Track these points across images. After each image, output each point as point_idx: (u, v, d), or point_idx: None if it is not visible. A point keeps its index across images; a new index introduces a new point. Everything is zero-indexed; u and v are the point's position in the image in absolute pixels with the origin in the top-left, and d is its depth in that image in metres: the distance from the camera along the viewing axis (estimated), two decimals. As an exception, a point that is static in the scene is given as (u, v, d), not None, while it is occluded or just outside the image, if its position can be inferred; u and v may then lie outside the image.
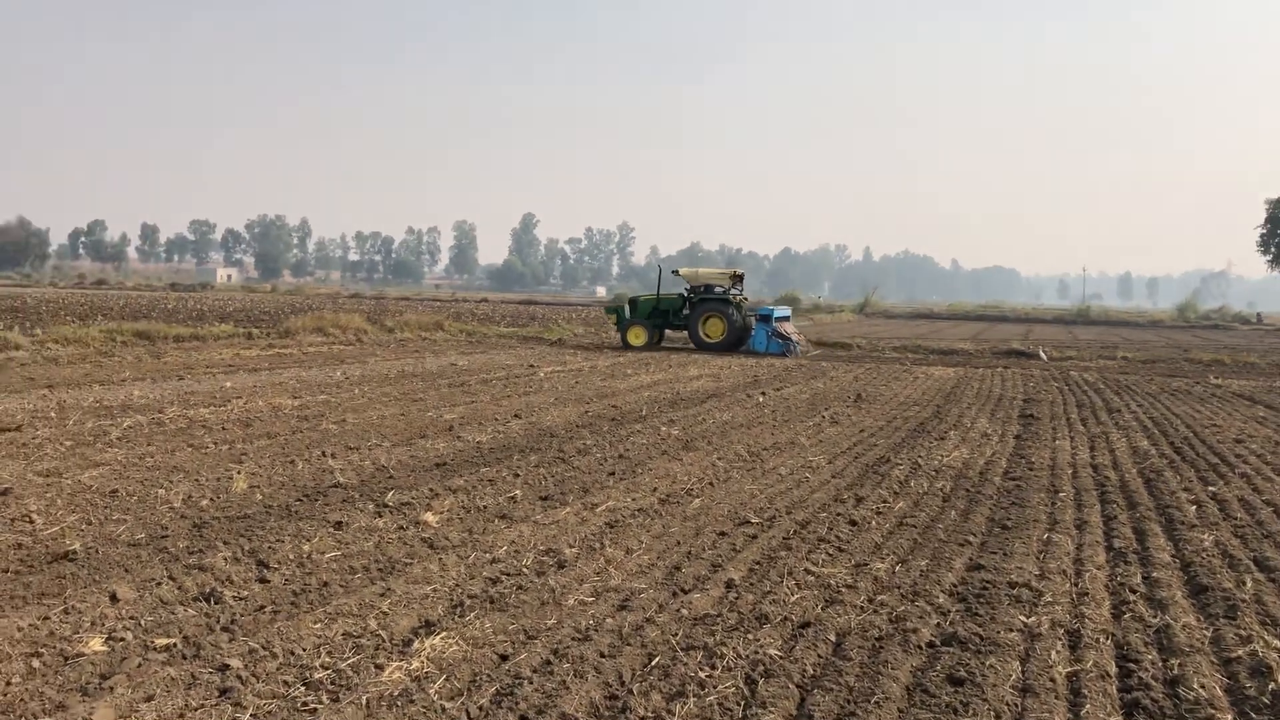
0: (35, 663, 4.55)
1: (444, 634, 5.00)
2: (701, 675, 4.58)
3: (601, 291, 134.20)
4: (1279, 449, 12.21)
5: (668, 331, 30.28)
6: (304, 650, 4.75)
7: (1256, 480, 9.97)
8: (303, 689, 4.37)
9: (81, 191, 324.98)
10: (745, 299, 30.08)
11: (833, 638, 5.15)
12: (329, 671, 4.53)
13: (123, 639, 4.83)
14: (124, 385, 15.35)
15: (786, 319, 29.87)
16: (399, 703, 4.24)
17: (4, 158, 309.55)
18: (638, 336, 28.85)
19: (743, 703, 4.35)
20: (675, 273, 30.69)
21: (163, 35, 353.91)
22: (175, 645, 4.80)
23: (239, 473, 8.71)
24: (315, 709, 4.19)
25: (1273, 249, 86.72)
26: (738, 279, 29.67)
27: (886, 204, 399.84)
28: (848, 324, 62.86)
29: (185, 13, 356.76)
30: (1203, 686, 4.60)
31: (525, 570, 6.14)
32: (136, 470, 8.78)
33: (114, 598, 5.29)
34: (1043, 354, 30.94)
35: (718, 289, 29.41)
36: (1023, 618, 5.50)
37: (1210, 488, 9.55)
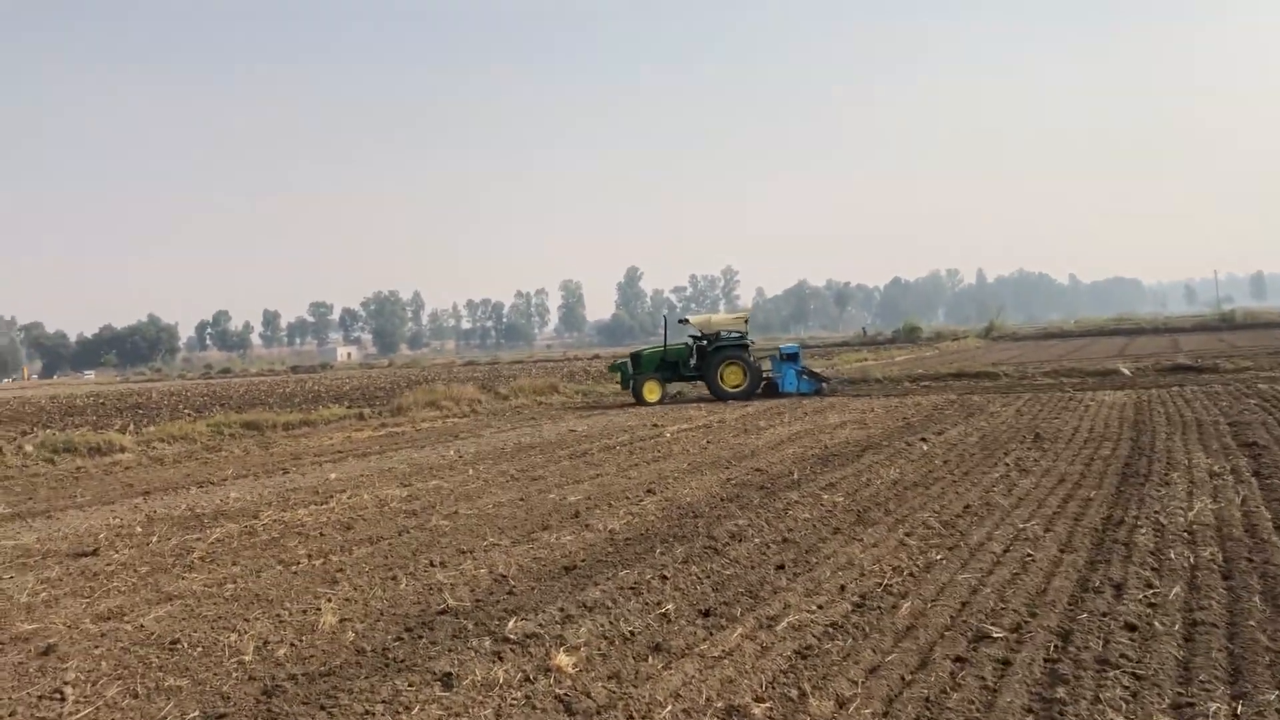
0: None
1: None
2: None
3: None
4: None
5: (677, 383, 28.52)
6: None
7: None
8: None
9: (206, 285, 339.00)
10: (753, 343, 28.61)
11: None
12: None
13: None
14: (223, 485, 14.17)
15: (796, 354, 27.97)
16: None
17: (135, 259, 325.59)
18: (652, 391, 26.86)
19: None
20: (683, 321, 29.11)
21: (271, 133, 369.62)
22: None
23: (330, 600, 7.16)
24: None
25: None
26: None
27: (997, 223, 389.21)
28: (976, 350, 59.60)
29: (275, 107, 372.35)
30: None
31: (702, 744, 4.35)
32: (211, 604, 7.31)
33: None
34: (1222, 367, 27.86)
35: (732, 334, 27.58)
36: None
37: None
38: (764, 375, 27.28)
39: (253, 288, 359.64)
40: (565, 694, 5.05)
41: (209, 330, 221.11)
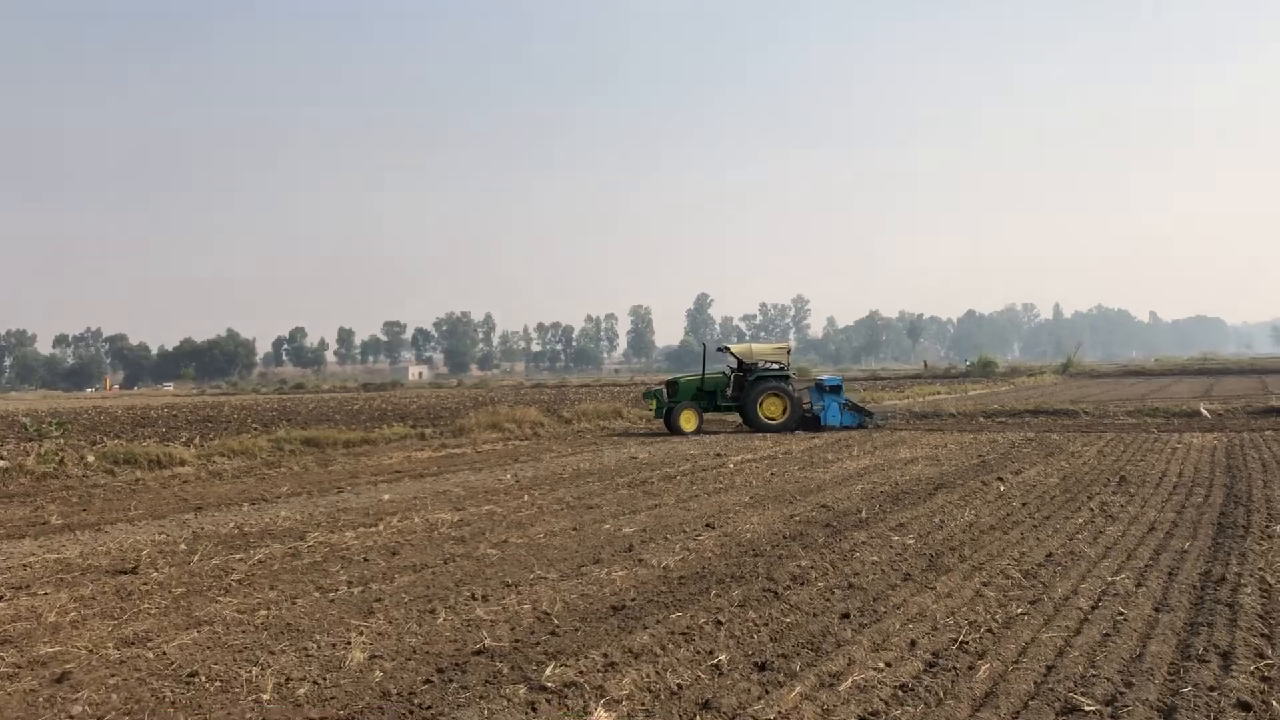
0: None
1: None
2: None
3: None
4: None
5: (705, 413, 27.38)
6: None
7: None
8: None
9: (283, 302, 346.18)
10: (794, 374, 27.86)
11: None
12: None
13: None
14: (275, 503, 13.94)
15: (840, 387, 26.99)
16: None
17: (216, 275, 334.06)
18: (689, 421, 25.90)
19: None
20: (722, 349, 28.15)
21: (350, 157, 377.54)
22: None
23: (362, 634, 6.75)
24: None
25: None
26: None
27: (1076, 257, 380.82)
28: (1053, 386, 57.90)
29: (356, 133, 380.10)
30: None
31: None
32: (239, 632, 6.95)
33: None
34: None
35: (774, 365, 26.73)
36: None
37: None
38: (804, 408, 26.50)
39: (329, 306, 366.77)
40: (600, 758, 4.54)
41: (285, 346, 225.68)
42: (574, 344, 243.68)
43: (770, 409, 26.01)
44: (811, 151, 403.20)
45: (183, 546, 10.46)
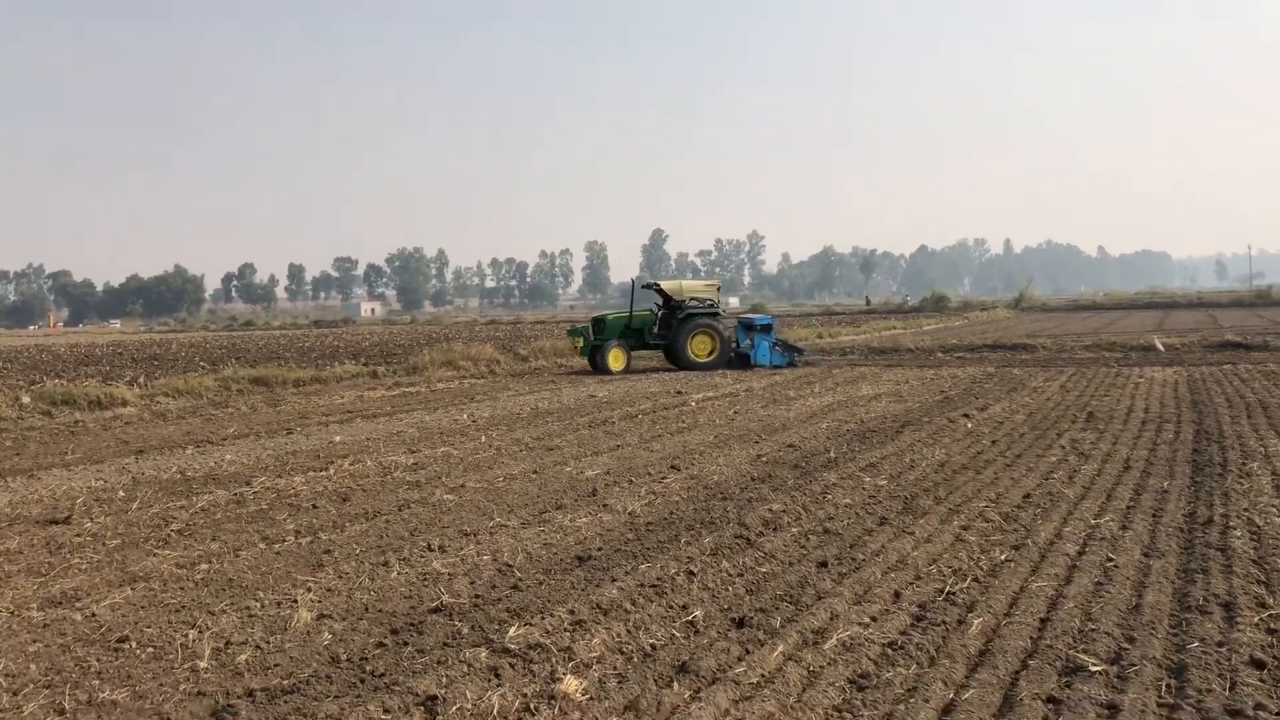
0: None
1: None
2: None
3: (735, 302, 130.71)
4: None
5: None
6: None
7: None
8: None
9: (232, 237, 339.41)
10: (724, 311, 27.40)
11: None
12: None
13: None
14: (221, 445, 13.37)
15: (770, 326, 26.76)
16: None
17: (160, 210, 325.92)
18: (617, 360, 25.06)
19: None
20: (650, 285, 27.45)
21: (304, 88, 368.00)
22: None
23: (309, 590, 6.30)
24: None
25: None
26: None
27: (1025, 193, 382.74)
28: (1006, 321, 58.27)
29: (308, 63, 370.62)
30: None
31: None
32: (177, 589, 6.46)
33: None
34: (1272, 344, 26.63)
35: (705, 302, 26.28)
36: None
37: None
38: (734, 347, 26.07)
39: (279, 241, 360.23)
40: (572, 732, 4.15)
41: (234, 283, 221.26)
42: (529, 280, 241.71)
43: (699, 347, 25.52)
44: (768, 87, 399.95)
45: (121, 493, 9.90)
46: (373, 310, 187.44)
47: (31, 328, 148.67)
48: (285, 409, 18.28)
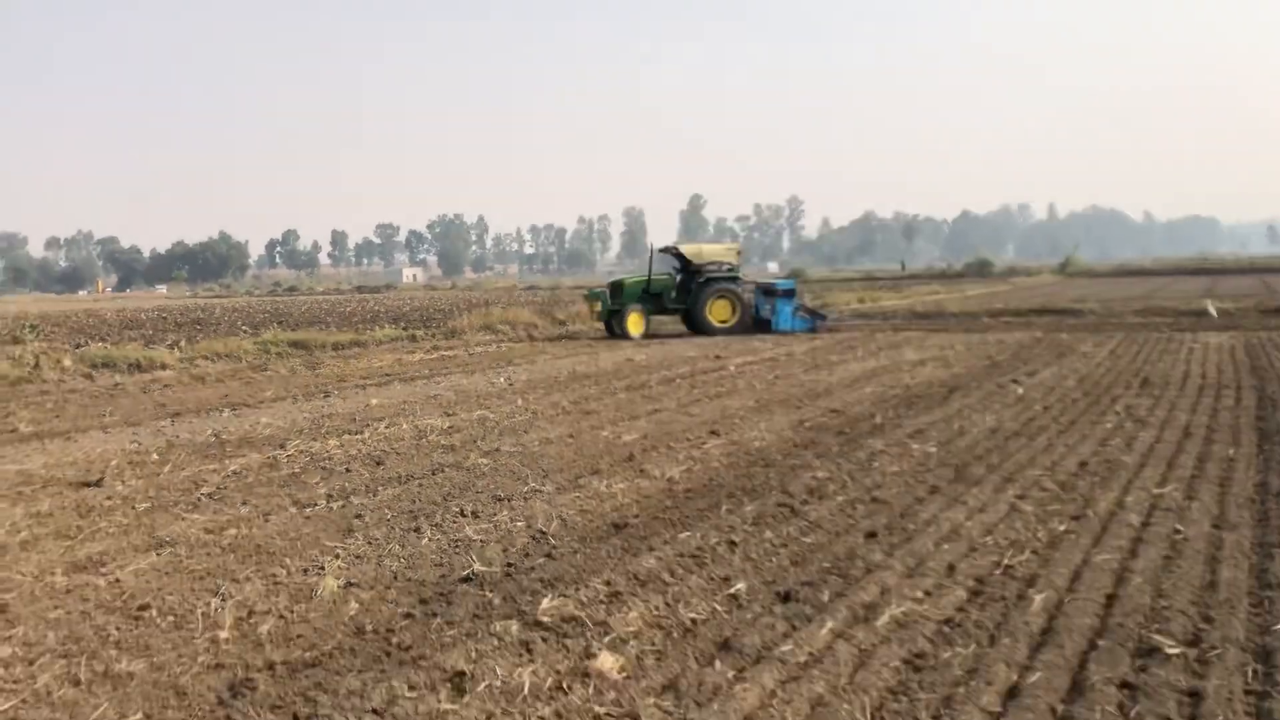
0: None
1: None
2: None
3: (773, 267, 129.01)
4: None
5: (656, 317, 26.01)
6: None
7: None
8: None
9: (278, 204, 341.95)
10: (744, 276, 26.62)
11: None
12: None
13: None
14: (258, 409, 13.25)
15: (793, 291, 26.13)
16: None
17: (208, 176, 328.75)
18: (636, 325, 24.47)
19: None
20: (668, 250, 26.51)
21: (346, 57, 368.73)
22: None
23: (338, 557, 6.10)
24: None
25: None
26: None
27: (1070, 157, 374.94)
28: (1053, 285, 57.15)
29: (349, 32, 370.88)
30: None
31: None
32: (204, 554, 6.29)
33: None
34: None
35: (725, 266, 25.54)
36: None
37: None
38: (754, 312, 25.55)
39: (322, 208, 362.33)
40: (606, 714, 3.89)
41: (278, 249, 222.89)
42: (567, 246, 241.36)
43: (719, 312, 24.99)
44: (810, 47, 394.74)
45: (154, 456, 9.79)
46: (414, 276, 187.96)
47: (81, 293, 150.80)
48: (323, 372, 18.19)
